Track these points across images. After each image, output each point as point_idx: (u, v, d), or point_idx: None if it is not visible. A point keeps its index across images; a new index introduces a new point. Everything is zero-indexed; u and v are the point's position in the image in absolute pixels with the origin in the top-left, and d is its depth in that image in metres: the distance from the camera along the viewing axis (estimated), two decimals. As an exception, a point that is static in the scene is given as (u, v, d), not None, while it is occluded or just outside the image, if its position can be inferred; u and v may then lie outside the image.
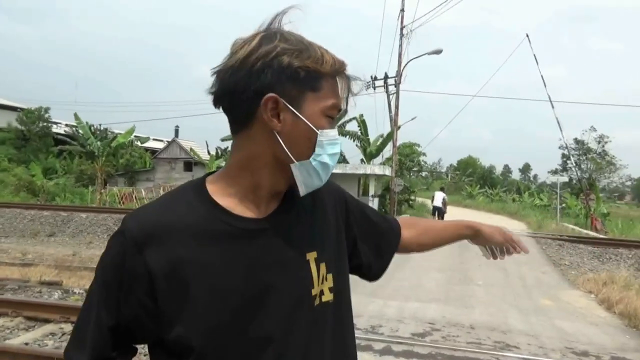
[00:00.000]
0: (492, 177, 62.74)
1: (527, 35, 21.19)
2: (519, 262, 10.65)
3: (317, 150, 0.86)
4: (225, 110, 0.89)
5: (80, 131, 27.22)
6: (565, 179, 37.70)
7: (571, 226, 20.31)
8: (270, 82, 0.82)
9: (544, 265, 10.59)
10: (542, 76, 20.57)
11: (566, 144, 33.39)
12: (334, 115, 0.88)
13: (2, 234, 13.86)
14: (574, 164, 34.86)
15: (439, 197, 19.44)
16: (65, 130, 32.37)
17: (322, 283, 0.93)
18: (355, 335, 1.05)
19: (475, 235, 1.33)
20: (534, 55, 20.92)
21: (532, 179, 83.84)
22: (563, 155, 42.10)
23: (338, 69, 0.87)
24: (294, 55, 0.82)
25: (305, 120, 0.84)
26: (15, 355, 3.94)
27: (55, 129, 32.95)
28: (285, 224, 0.92)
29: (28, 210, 16.11)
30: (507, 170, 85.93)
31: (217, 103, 0.88)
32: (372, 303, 6.58)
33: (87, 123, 26.95)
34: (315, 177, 0.88)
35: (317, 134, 0.85)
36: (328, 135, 0.87)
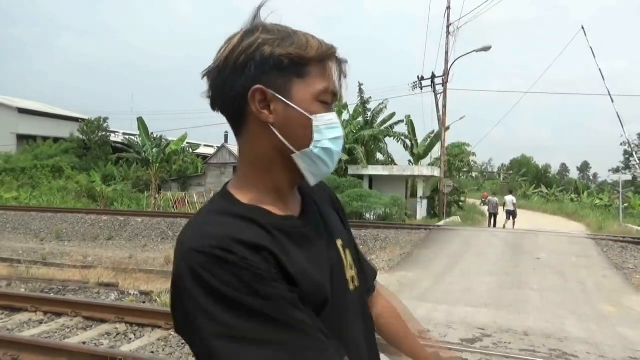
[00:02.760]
0: (547, 177, 60.17)
1: (583, 27, 20.16)
2: (578, 265, 10.12)
3: (316, 136, 0.84)
4: (221, 112, 0.87)
5: (139, 139, 28.33)
6: (629, 177, 35.65)
7: (636, 227, 19.08)
8: (255, 75, 0.81)
9: (605, 269, 9.98)
10: (599, 69, 19.50)
11: (628, 140, 31.50)
12: (327, 100, 0.86)
13: (66, 237, 14.70)
14: (638, 161, 32.74)
15: (509, 201, 20.69)
16: (122, 139, 33.96)
17: (350, 269, 0.96)
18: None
19: None
20: (591, 47, 19.84)
21: (591, 178, 79.78)
22: (625, 152, 39.81)
23: (325, 53, 0.85)
24: (275, 44, 0.81)
25: (297, 107, 0.82)
26: (73, 354, 4.14)
27: (113, 137, 34.64)
28: (316, 218, 0.94)
29: (89, 215, 17.00)
30: (564, 169, 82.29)
31: (212, 106, 0.87)
32: (420, 307, 6.44)
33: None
34: (322, 164, 0.86)
35: (311, 120, 0.83)
36: (324, 120, 0.85)
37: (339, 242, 0.95)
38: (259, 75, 0.81)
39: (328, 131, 0.85)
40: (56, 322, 5.56)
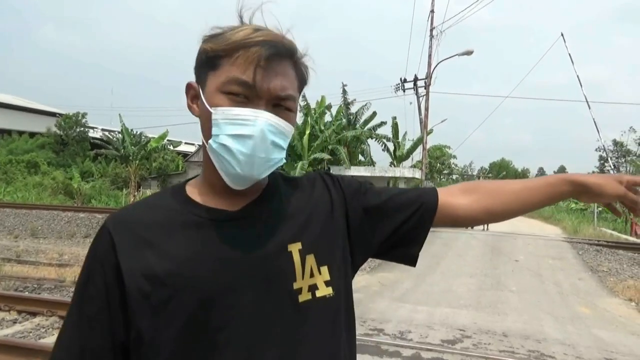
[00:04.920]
0: (525, 180, 61.19)
1: (562, 34, 20.62)
2: (555, 268, 10.32)
3: (214, 130, 0.81)
4: None
5: (119, 135, 27.91)
6: (603, 182, 36.29)
7: (609, 231, 19.57)
8: (194, 72, 0.88)
9: (580, 272, 10.20)
10: (577, 76, 20.00)
11: (604, 146, 32.28)
12: (234, 91, 0.80)
13: (41, 235, 14.35)
14: (612, 167, 33.59)
15: None
16: (101, 135, 33.40)
17: (311, 277, 0.87)
18: (384, 341, 0.99)
19: (579, 191, 1.01)
20: (569, 54, 20.36)
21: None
22: (601, 158, 40.76)
23: (238, 43, 0.80)
24: (206, 41, 0.84)
25: (203, 100, 0.84)
26: (48, 354, 4.03)
27: (91, 133, 34.03)
28: (262, 215, 0.88)
29: (65, 212, 16.62)
30: (541, 173, 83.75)
31: None
32: (400, 308, 6.48)
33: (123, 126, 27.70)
34: (225, 163, 0.81)
35: (211, 112, 0.81)
36: (225, 114, 0.80)
37: (295, 246, 0.86)
38: (195, 71, 0.88)
39: (229, 126, 0.80)
40: (31, 322, 5.43)
